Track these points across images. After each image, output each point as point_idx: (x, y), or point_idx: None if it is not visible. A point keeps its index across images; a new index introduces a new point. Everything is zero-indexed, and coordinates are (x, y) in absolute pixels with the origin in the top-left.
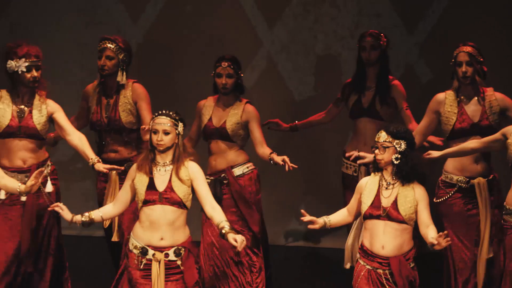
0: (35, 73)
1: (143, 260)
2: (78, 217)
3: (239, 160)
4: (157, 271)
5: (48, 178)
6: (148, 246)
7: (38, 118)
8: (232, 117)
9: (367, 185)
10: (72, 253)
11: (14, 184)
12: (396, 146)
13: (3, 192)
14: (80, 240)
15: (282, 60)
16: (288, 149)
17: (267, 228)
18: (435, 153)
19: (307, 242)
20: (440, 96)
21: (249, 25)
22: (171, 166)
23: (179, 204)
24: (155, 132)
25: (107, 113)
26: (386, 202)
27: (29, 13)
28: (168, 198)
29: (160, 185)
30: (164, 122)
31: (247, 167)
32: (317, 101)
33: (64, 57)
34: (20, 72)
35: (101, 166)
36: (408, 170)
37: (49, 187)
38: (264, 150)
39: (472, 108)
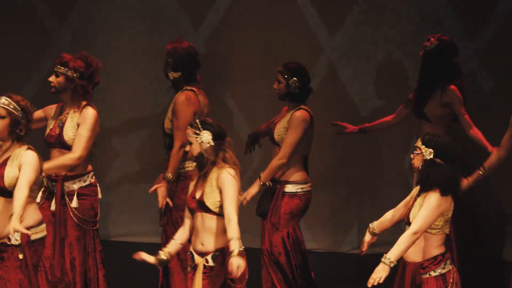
0: (55, 78)
1: (191, 263)
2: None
3: (297, 178)
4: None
5: (75, 194)
6: (194, 250)
7: (67, 128)
8: (282, 122)
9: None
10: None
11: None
12: (424, 153)
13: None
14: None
15: (343, 67)
16: (350, 154)
17: (328, 235)
18: None
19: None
20: None
21: (310, 32)
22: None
23: (213, 212)
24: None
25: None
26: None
27: (92, 20)
28: (202, 205)
29: (198, 193)
30: (188, 132)
31: (301, 188)
32: (378, 107)
33: (126, 64)
34: None
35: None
36: (423, 178)
37: (74, 203)
38: (270, 164)
39: None
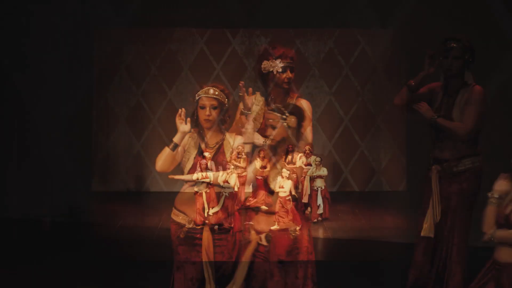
0: (289, 74)
1: None
2: None
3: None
4: None
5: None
6: None
7: None
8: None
9: None
10: None
11: None
12: None
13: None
14: None
15: None
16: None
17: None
18: None
19: None
20: None
21: (497, 28)
22: None
23: None
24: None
25: (443, 112)
26: None
27: (274, 23)
28: None
29: None
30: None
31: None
32: None
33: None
34: (275, 73)
35: None
36: None
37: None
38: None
39: None
